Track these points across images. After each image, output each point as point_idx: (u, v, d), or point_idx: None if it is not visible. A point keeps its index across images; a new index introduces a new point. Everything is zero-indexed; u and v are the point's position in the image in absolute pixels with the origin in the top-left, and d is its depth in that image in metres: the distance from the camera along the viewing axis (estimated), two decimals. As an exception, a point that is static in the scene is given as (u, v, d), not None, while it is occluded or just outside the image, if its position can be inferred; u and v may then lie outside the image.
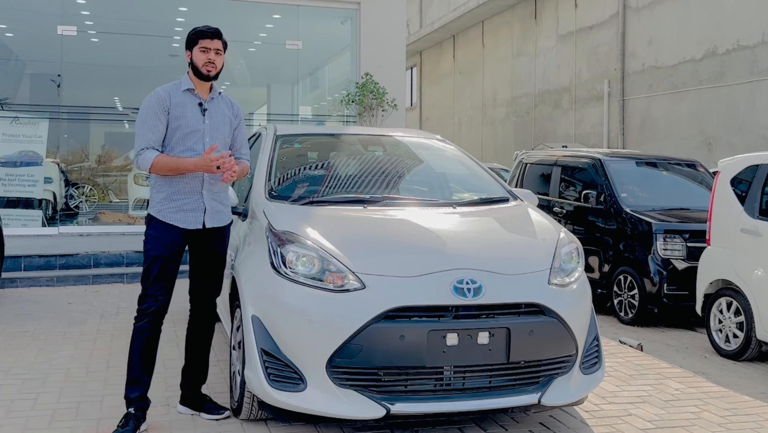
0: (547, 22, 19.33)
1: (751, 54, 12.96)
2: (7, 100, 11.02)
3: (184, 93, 3.81)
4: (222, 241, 3.96)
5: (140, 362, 3.75)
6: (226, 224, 3.96)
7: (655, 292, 7.20)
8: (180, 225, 3.76)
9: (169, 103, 3.75)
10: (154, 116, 3.73)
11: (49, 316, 6.51)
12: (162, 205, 3.78)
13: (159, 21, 12.05)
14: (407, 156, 5.25)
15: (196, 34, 3.83)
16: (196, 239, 3.86)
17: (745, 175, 6.26)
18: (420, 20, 26.24)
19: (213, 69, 3.80)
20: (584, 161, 8.68)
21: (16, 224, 9.94)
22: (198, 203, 3.79)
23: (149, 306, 3.74)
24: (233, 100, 4.04)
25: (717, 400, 4.53)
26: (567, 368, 3.67)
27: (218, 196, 3.89)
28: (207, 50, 3.79)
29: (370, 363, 3.34)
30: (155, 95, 3.78)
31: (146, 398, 3.80)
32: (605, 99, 16.76)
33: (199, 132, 3.79)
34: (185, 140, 3.76)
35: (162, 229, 3.76)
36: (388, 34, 11.62)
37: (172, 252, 3.77)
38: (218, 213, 3.89)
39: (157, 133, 3.74)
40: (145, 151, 3.72)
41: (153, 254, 3.74)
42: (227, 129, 3.92)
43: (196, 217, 3.79)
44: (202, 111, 3.82)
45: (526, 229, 4.19)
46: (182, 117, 3.76)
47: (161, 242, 3.75)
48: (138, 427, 3.68)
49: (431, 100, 27.07)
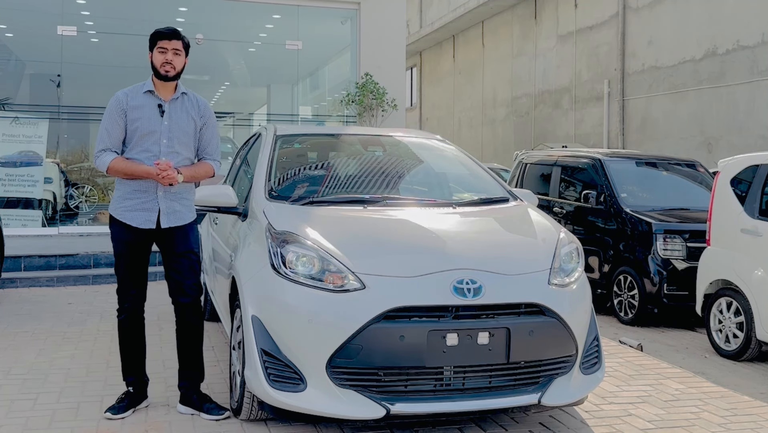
0: (547, 22, 19.33)
1: (751, 54, 12.96)
2: (7, 100, 11.02)
3: (144, 95, 3.89)
4: (185, 239, 3.98)
5: (128, 350, 4.02)
6: (185, 223, 3.98)
7: (655, 292, 7.20)
8: (132, 224, 3.87)
9: (126, 105, 3.84)
10: (111, 119, 3.85)
11: (49, 316, 6.51)
12: (118, 203, 3.91)
13: (159, 21, 11.94)
14: (407, 156, 5.24)
15: (154, 35, 3.90)
16: (159, 239, 3.96)
17: (745, 175, 6.26)
18: (420, 20, 26.24)
19: (171, 69, 3.85)
20: (584, 161, 8.68)
21: (16, 224, 9.95)
22: (152, 203, 3.88)
23: (124, 301, 3.98)
24: (201, 100, 4.06)
25: (717, 400, 4.53)
26: (567, 369, 3.66)
27: (175, 196, 3.93)
28: (165, 51, 3.86)
29: (370, 363, 3.34)
30: (114, 98, 3.89)
31: (143, 377, 4.05)
32: (605, 99, 16.76)
33: (156, 133, 3.86)
34: (142, 141, 3.85)
35: (119, 227, 3.91)
36: (388, 35, 11.62)
37: (133, 250, 3.91)
38: (175, 213, 3.93)
39: (114, 135, 3.85)
40: (102, 153, 3.84)
41: (116, 251, 3.95)
42: (190, 129, 3.96)
43: (148, 216, 3.87)
44: (160, 112, 3.87)
45: (526, 229, 4.19)
46: (139, 119, 3.84)
47: (121, 240, 3.92)
48: (136, 403, 3.99)
49: (431, 101, 27.07)
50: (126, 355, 4.03)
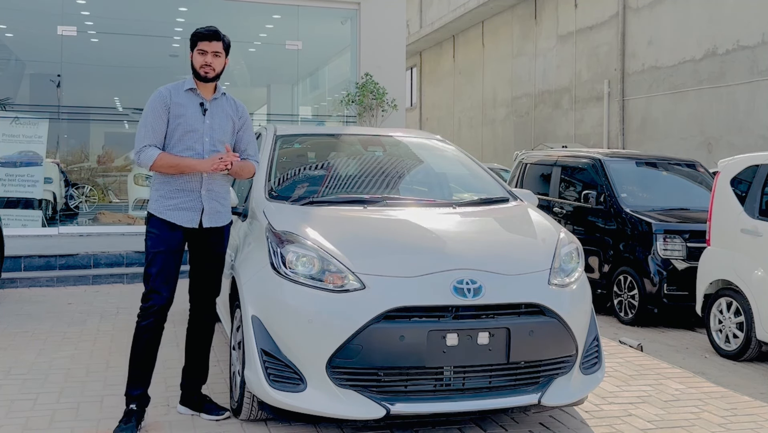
0: (547, 23, 19.33)
1: (751, 54, 12.96)
2: (7, 100, 11.01)
3: (186, 92, 3.83)
4: (220, 241, 3.96)
5: (143, 360, 3.78)
6: (224, 224, 3.96)
7: (655, 292, 7.20)
8: (177, 222, 3.78)
9: (170, 101, 3.78)
10: (154, 114, 3.76)
11: (49, 316, 6.51)
12: (160, 203, 3.80)
13: (159, 21, 12.05)
14: (407, 156, 5.25)
15: (195, 35, 3.84)
16: (194, 239, 3.87)
17: (745, 176, 6.26)
18: (420, 20, 26.24)
19: (210, 71, 3.80)
20: (584, 161, 8.68)
21: (16, 224, 9.94)
22: (196, 202, 3.81)
23: (153, 304, 3.74)
24: (239, 101, 4.04)
25: (717, 400, 4.53)
26: (567, 369, 3.67)
27: (217, 196, 3.89)
28: (204, 53, 3.80)
29: (370, 363, 3.34)
30: (157, 93, 3.81)
31: (147, 396, 3.82)
32: (605, 99, 16.76)
33: (199, 131, 3.80)
34: (184, 139, 3.78)
35: (161, 226, 3.78)
36: (388, 35, 11.62)
37: (173, 249, 3.79)
38: (216, 213, 3.88)
39: (158, 130, 3.77)
40: (147, 149, 3.74)
41: (154, 250, 3.76)
42: (229, 129, 3.92)
43: (193, 216, 3.80)
44: (202, 111, 3.82)
45: (526, 229, 4.19)
46: (182, 116, 3.78)
47: (161, 239, 3.77)
48: (140, 424, 3.70)
49: (431, 101, 27.07)
50: (139, 364, 3.76)
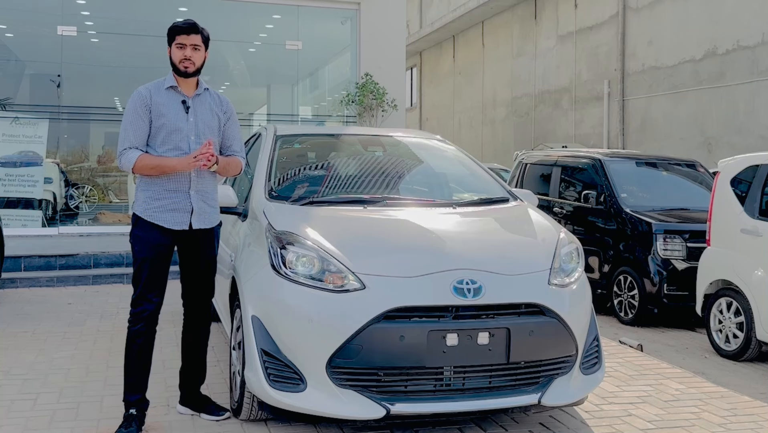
0: (547, 23, 19.33)
1: (751, 54, 12.96)
2: (7, 100, 11.02)
3: (167, 91, 3.73)
4: (210, 243, 3.88)
5: (138, 366, 3.72)
6: (213, 225, 3.88)
7: (655, 292, 7.20)
8: (166, 225, 3.69)
9: (150, 101, 3.68)
10: (135, 115, 3.66)
11: (49, 316, 6.51)
12: (147, 204, 3.70)
13: (159, 21, 11.98)
14: (407, 156, 5.24)
15: (172, 29, 3.74)
16: (183, 241, 3.78)
17: (745, 176, 6.26)
18: (420, 20, 26.24)
19: (191, 66, 3.70)
20: (584, 162, 8.68)
21: (16, 224, 9.94)
22: (185, 203, 3.72)
23: (144, 309, 3.69)
24: (222, 96, 3.95)
25: (717, 400, 4.53)
26: (567, 369, 3.67)
27: (206, 197, 3.80)
28: (183, 46, 3.70)
29: (370, 363, 3.34)
30: (137, 94, 3.71)
31: (145, 400, 3.79)
32: (605, 99, 16.76)
33: (183, 130, 3.70)
34: (169, 139, 3.69)
35: (148, 229, 3.68)
36: (388, 35, 11.62)
37: (160, 253, 3.70)
38: (205, 214, 3.80)
39: (140, 132, 3.66)
40: (127, 151, 3.64)
41: (141, 256, 3.68)
42: (215, 125, 3.82)
43: (182, 217, 3.71)
44: (185, 108, 3.73)
45: (526, 229, 4.19)
46: (164, 115, 3.68)
47: (148, 243, 3.68)
48: (140, 428, 3.68)
49: (431, 101, 27.07)
50: (135, 370, 3.70)
